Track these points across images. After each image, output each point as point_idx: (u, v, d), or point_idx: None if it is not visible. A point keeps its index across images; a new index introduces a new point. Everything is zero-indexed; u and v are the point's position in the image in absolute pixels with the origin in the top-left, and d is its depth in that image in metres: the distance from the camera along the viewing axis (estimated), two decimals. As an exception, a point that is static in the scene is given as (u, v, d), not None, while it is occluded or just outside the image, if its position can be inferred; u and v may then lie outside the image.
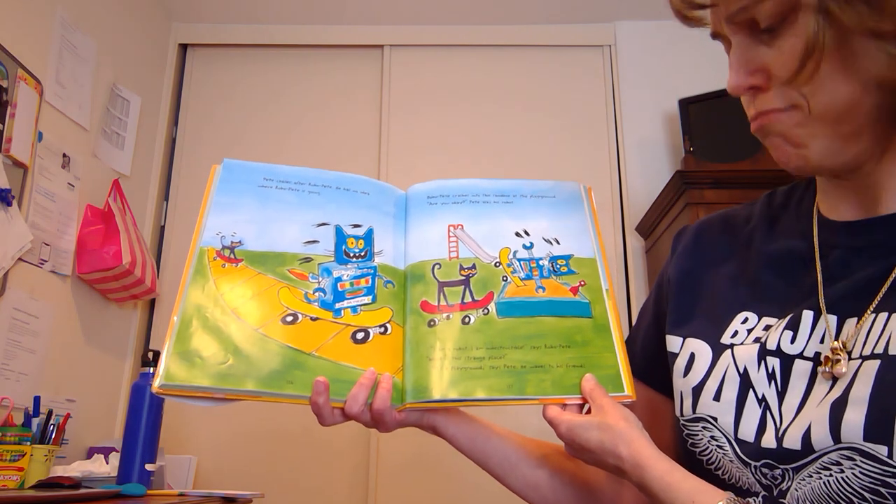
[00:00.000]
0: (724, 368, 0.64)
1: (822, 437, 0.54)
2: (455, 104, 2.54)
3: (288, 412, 2.20)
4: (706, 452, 0.63)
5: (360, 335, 0.72)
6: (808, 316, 0.61)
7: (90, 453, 1.86)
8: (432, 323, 0.73)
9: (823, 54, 0.53)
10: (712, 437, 0.63)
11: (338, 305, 0.73)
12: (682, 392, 0.67)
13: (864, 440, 0.51)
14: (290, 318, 0.71)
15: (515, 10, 2.52)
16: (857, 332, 0.57)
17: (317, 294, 0.73)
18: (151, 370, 1.55)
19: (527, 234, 0.81)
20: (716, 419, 0.62)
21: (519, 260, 0.79)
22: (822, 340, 0.59)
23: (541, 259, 0.79)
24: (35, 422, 1.51)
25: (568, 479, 0.77)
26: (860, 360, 0.55)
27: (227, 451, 2.20)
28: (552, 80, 2.56)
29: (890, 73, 0.53)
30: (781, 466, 0.57)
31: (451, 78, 2.57)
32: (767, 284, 0.66)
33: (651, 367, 0.76)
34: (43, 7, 1.84)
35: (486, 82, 2.56)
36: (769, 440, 0.58)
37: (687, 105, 2.24)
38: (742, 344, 0.64)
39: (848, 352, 0.56)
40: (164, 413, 1.56)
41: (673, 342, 0.71)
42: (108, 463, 1.60)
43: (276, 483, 2.17)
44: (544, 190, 0.86)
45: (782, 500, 0.57)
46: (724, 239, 0.74)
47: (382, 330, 0.73)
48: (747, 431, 0.60)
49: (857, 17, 0.51)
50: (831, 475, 0.53)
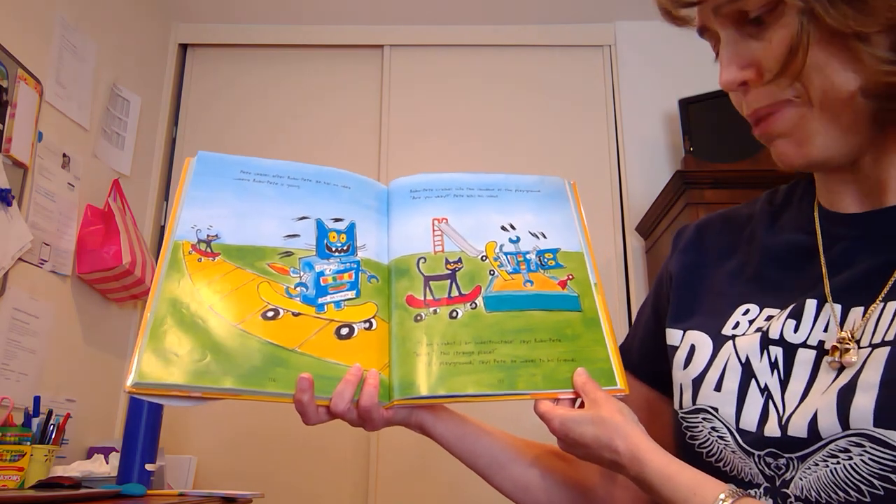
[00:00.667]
0: (726, 359, 0.63)
1: (829, 424, 0.54)
2: (455, 104, 2.54)
3: (288, 412, 2.19)
4: (706, 444, 0.63)
5: (345, 331, 0.69)
6: (811, 305, 0.60)
7: (90, 453, 1.86)
8: (419, 318, 0.71)
9: (808, 49, 0.53)
10: (713, 428, 0.62)
11: (321, 300, 0.70)
12: (681, 384, 0.66)
13: (875, 426, 0.51)
14: (271, 314, 0.68)
15: (515, 11, 2.52)
16: (866, 321, 0.56)
17: (298, 289, 0.70)
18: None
19: (513, 227, 0.80)
20: (717, 409, 0.62)
21: (506, 254, 0.77)
22: (826, 329, 0.59)
23: (528, 253, 0.78)
24: (35, 422, 1.51)
25: (559, 479, 0.76)
26: (870, 348, 0.55)
27: (227, 451, 2.20)
28: (552, 80, 2.56)
29: (876, 76, 0.53)
30: (786, 455, 0.56)
31: (451, 78, 2.57)
32: (770, 277, 0.66)
33: (649, 364, 0.76)
34: (43, 7, 1.84)
35: (486, 82, 2.56)
36: (772, 429, 0.57)
37: (687, 105, 2.24)
38: (744, 335, 0.63)
39: (856, 341, 0.56)
40: (164, 413, 1.56)
41: (673, 335, 0.70)
42: (108, 463, 1.60)
43: (276, 483, 2.17)
44: (529, 184, 0.86)
45: (785, 490, 0.56)
46: (726, 236, 0.74)
47: (367, 325, 0.71)
48: (749, 421, 0.59)
49: (842, 18, 0.51)
50: (839, 462, 0.53)
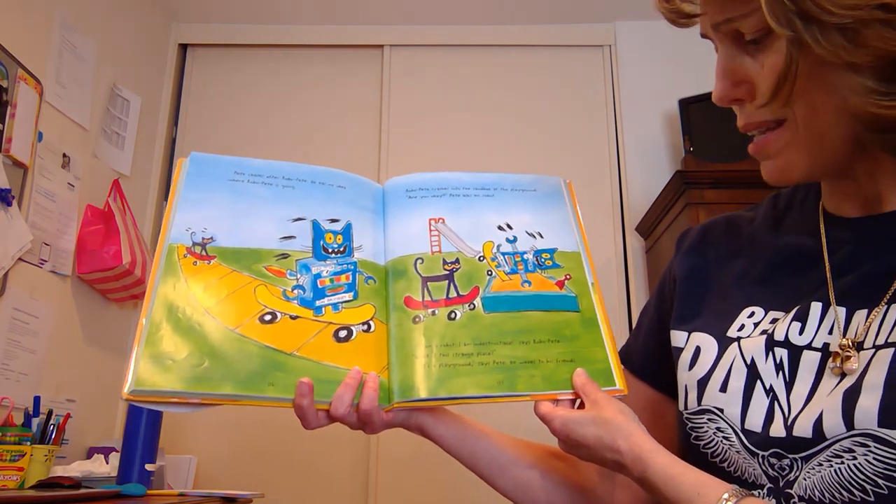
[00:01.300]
0: (731, 360, 0.63)
1: (834, 425, 0.54)
2: (455, 104, 2.53)
3: (288, 413, 2.19)
4: (711, 444, 0.63)
5: (343, 333, 0.68)
6: (816, 308, 0.61)
7: (90, 453, 1.86)
8: (417, 319, 0.70)
9: (797, 80, 0.54)
10: (718, 429, 0.62)
11: (318, 303, 0.69)
12: (686, 385, 0.66)
13: (879, 426, 0.51)
14: (268, 317, 0.67)
15: (515, 11, 2.52)
16: (870, 323, 0.57)
17: (296, 291, 0.69)
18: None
19: (510, 227, 0.79)
20: (722, 410, 0.62)
21: (503, 254, 0.77)
22: (831, 332, 0.59)
23: (525, 253, 0.77)
24: (35, 422, 1.51)
25: (560, 479, 0.76)
26: (873, 350, 0.55)
27: (227, 451, 2.20)
28: (552, 80, 2.56)
29: (864, 106, 0.53)
30: (790, 456, 0.56)
31: (451, 78, 2.57)
32: (774, 280, 0.66)
33: (653, 366, 0.76)
34: (43, 7, 1.84)
35: (486, 82, 2.56)
36: (778, 429, 0.58)
37: (687, 105, 2.24)
38: (749, 337, 0.64)
39: (859, 343, 0.56)
40: (164, 413, 1.56)
41: (678, 337, 0.70)
42: (108, 463, 1.60)
43: (276, 483, 2.17)
44: (525, 184, 0.85)
45: (789, 491, 0.56)
46: (730, 239, 0.74)
47: (365, 327, 0.70)
48: (755, 422, 0.60)
49: (832, 48, 0.51)
50: (843, 462, 0.53)
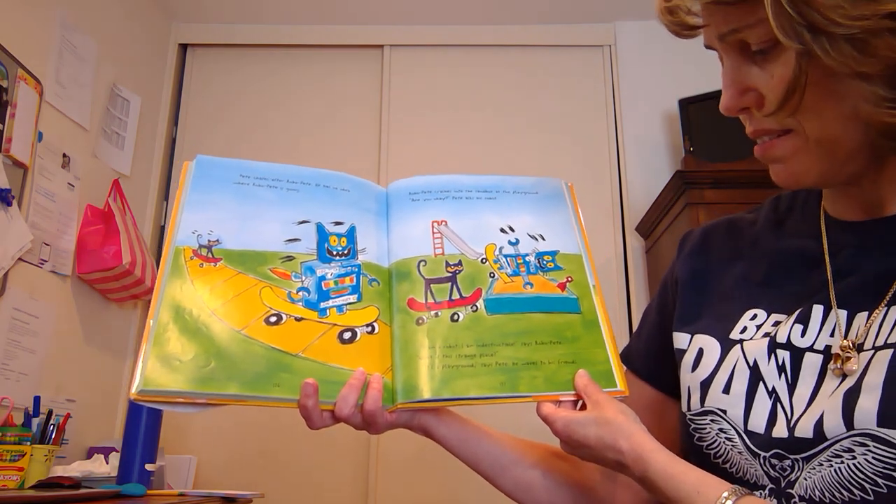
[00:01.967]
0: (734, 362, 0.64)
1: (834, 425, 0.54)
2: (455, 104, 2.54)
3: (289, 413, 2.19)
4: (714, 445, 0.63)
5: (347, 335, 0.69)
6: (818, 310, 0.61)
7: (90, 453, 1.86)
8: (420, 321, 0.71)
9: (806, 90, 0.54)
10: (720, 430, 0.63)
11: (323, 305, 0.70)
12: (689, 387, 0.67)
13: (878, 426, 0.52)
14: (273, 319, 0.68)
15: (515, 11, 2.52)
16: (870, 325, 0.58)
17: (300, 293, 0.70)
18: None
19: (512, 230, 0.80)
20: (725, 412, 0.63)
21: (505, 256, 0.78)
22: (833, 334, 0.60)
23: (527, 255, 0.78)
24: (35, 422, 1.51)
25: (562, 479, 0.77)
26: (873, 351, 0.56)
27: (227, 451, 2.20)
28: (552, 80, 2.56)
29: (877, 115, 0.53)
30: (791, 457, 0.57)
31: (451, 78, 2.57)
32: (776, 283, 0.67)
33: (655, 367, 0.76)
34: (43, 7, 1.84)
35: (486, 82, 2.56)
36: (780, 431, 0.58)
37: (687, 105, 2.24)
38: (752, 339, 0.64)
39: (860, 344, 0.57)
40: (164, 413, 1.56)
41: (680, 339, 0.71)
42: (108, 463, 1.60)
43: (276, 483, 2.17)
44: (527, 186, 0.86)
45: (790, 491, 0.57)
46: (731, 241, 0.74)
47: (369, 329, 0.71)
48: (757, 423, 0.60)
49: (842, 59, 0.51)
50: (842, 462, 0.54)
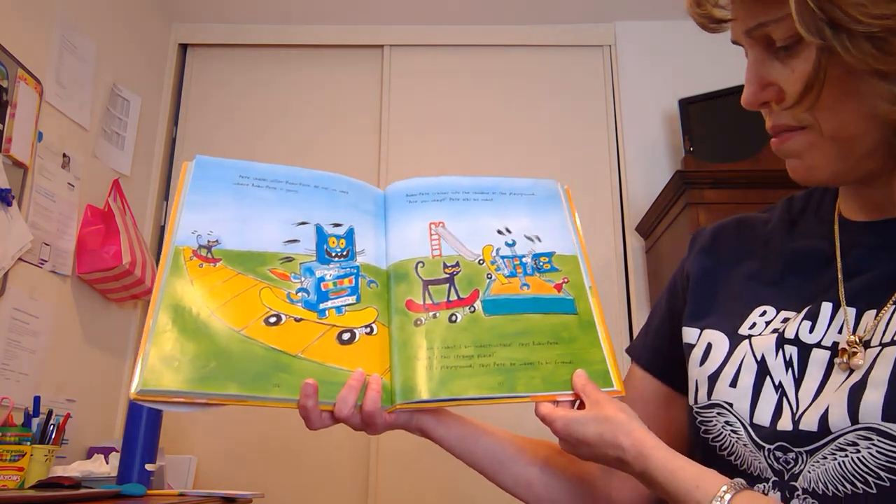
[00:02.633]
0: (742, 357, 0.65)
1: (839, 419, 0.55)
2: (455, 104, 2.53)
3: (289, 413, 2.20)
4: (719, 438, 0.64)
5: (346, 336, 0.70)
6: (826, 307, 0.62)
7: (90, 453, 1.86)
8: (419, 322, 0.72)
9: (824, 87, 0.55)
10: (726, 423, 0.63)
11: (322, 306, 0.71)
12: (697, 380, 0.68)
13: (883, 420, 0.53)
14: (273, 319, 0.68)
15: (515, 11, 2.52)
16: (878, 322, 0.58)
17: (300, 294, 0.71)
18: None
19: (508, 231, 0.81)
20: (731, 405, 0.63)
21: (502, 257, 0.78)
22: (841, 331, 0.60)
23: (524, 256, 0.79)
24: (35, 422, 1.51)
25: (560, 474, 0.77)
26: (879, 347, 0.56)
27: (227, 451, 2.20)
28: (552, 79, 2.56)
29: (894, 114, 0.54)
30: (795, 449, 0.58)
31: (451, 77, 2.57)
32: (787, 281, 0.68)
33: (663, 361, 0.77)
34: (43, 7, 1.84)
35: (486, 82, 2.56)
36: (785, 424, 0.59)
37: (687, 105, 2.24)
38: (760, 335, 0.65)
39: (866, 341, 0.58)
40: (164, 413, 1.56)
41: (690, 334, 0.71)
42: (108, 463, 1.60)
43: (276, 483, 2.17)
44: (523, 188, 0.87)
45: (794, 484, 0.58)
46: (743, 240, 0.75)
47: (368, 330, 0.71)
48: (763, 416, 0.61)
49: (862, 56, 0.52)
50: (846, 455, 0.54)
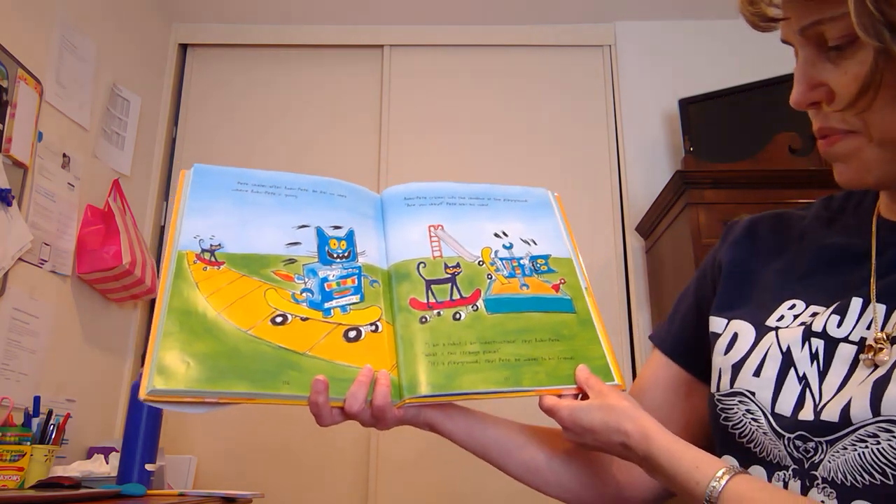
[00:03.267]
0: (767, 347, 0.65)
1: (861, 411, 0.56)
2: (455, 104, 2.53)
3: (287, 412, 2.20)
4: (739, 426, 0.65)
5: (352, 333, 0.71)
6: (856, 303, 0.62)
7: (90, 453, 1.86)
8: (424, 320, 0.74)
9: (879, 90, 0.55)
10: (748, 411, 0.64)
11: (327, 305, 0.72)
12: (721, 368, 0.68)
13: None
14: (279, 319, 0.69)
15: (515, 11, 2.52)
16: None
17: (304, 294, 0.72)
18: (151, 370, 1.55)
19: (505, 234, 0.84)
20: (753, 393, 0.64)
21: (501, 259, 0.81)
22: (869, 327, 0.60)
23: (521, 258, 0.82)
24: (35, 422, 1.51)
25: (566, 457, 0.79)
26: None
27: (227, 451, 2.20)
28: (552, 80, 2.56)
29: None
30: (816, 439, 0.58)
31: (451, 78, 2.57)
32: (819, 277, 0.68)
33: (686, 349, 0.78)
34: (43, 7, 1.84)
35: (486, 82, 2.56)
36: (807, 414, 0.59)
37: (687, 105, 2.24)
38: (787, 327, 0.65)
39: (894, 338, 0.58)
40: (164, 413, 1.56)
41: (717, 323, 0.72)
42: (108, 463, 1.60)
43: (276, 483, 2.17)
44: (515, 194, 0.89)
45: (813, 472, 0.58)
46: (778, 235, 0.75)
47: (373, 328, 0.73)
48: (785, 406, 0.61)
49: None
50: (867, 446, 0.55)
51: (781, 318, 0.67)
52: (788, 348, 0.63)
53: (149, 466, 1.48)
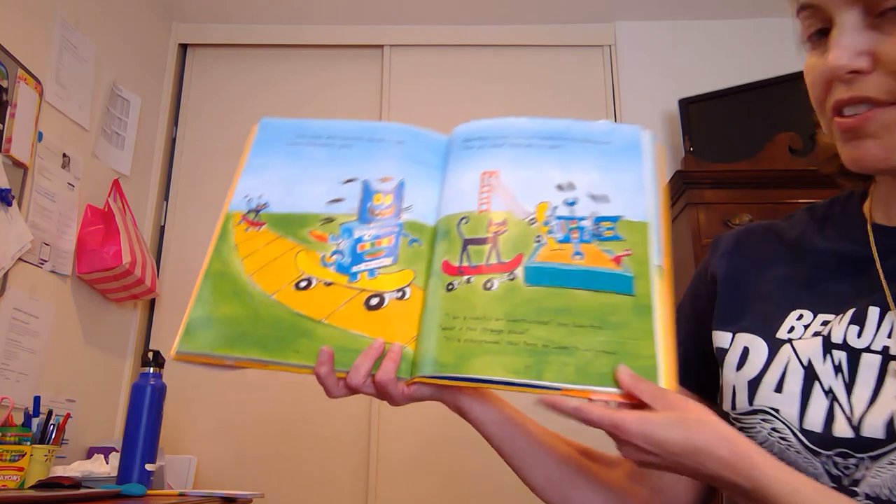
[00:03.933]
0: (785, 361, 0.63)
1: None
2: (455, 104, 2.53)
3: (288, 412, 2.20)
4: (766, 445, 0.62)
5: (375, 301, 0.66)
6: (874, 312, 0.61)
7: (90, 453, 1.86)
8: (451, 287, 0.64)
9: None
10: (773, 430, 0.62)
11: (354, 269, 0.68)
12: (735, 385, 0.66)
13: None
14: (303, 284, 0.67)
15: (515, 11, 2.52)
16: None
17: (334, 257, 0.68)
18: (151, 370, 1.55)
19: (571, 187, 0.68)
20: (777, 411, 0.62)
21: (558, 218, 0.66)
22: (890, 335, 0.59)
23: (583, 219, 0.66)
24: (35, 422, 1.51)
25: (589, 478, 0.75)
26: None
27: (227, 452, 2.20)
28: (552, 80, 2.56)
29: None
30: (857, 455, 0.57)
31: (451, 78, 2.57)
32: (820, 284, 0.66)
33: (695, 374, 0.74)
34: (43, 7, 1.84)
35: (486, 82, 2.56)
36: (842, 429, 0.58)
37: (687, 105, 2.24)
38: (801, 339, 0.63)
39: None
40: (164, 413, 1.56)
41: (722, 338, 0.69)
42: (108, 463, 1.60)
43: (276, 483, 2.17)
44: (598, 134, 0.72)
45: (855, 489, 0.57)
46: (769, 244, 0.74)
47: (399, 294, 0.66)
48: (814, 422, 0.59)
49: None
50: None
51: (792, 329, 0.65)
52: (810, 361, 0.61)
53: (149, 466, 1.48)
